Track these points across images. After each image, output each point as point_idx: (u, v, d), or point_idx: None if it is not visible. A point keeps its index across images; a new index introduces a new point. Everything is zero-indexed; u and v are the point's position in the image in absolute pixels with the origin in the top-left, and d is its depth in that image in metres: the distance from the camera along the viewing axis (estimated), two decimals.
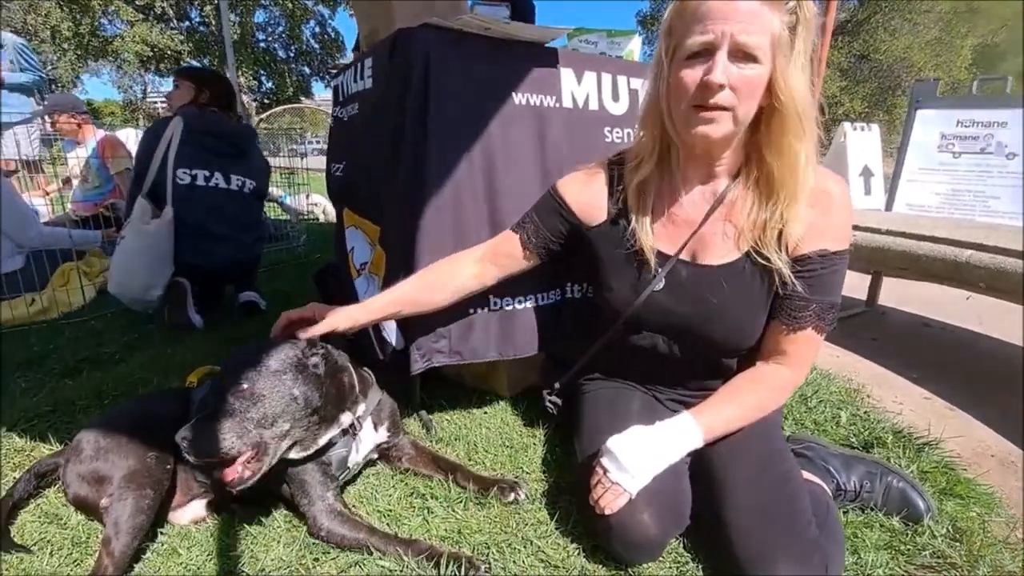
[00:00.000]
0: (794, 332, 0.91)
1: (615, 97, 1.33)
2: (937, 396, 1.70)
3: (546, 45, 1.27)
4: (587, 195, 1.03)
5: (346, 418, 1.04)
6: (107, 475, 0.95)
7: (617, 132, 1.34)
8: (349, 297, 1.54)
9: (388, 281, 1.34)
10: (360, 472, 1.17)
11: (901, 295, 2.72)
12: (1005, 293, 1.62)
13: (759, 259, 0.88)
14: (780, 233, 0.86)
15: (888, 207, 3.62)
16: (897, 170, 3.52)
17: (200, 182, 2.13)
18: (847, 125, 4.30)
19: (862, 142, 4.85)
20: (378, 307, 1.09)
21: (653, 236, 0.94)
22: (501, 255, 1.09)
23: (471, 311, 1.22)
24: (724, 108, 0.80)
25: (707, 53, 0.79)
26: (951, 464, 1.23)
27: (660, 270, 0.94)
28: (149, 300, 2.07)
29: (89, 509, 0.99)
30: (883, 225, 2.06)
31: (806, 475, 1.03)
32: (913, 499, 1.07)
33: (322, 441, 1.00)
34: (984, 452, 1.38)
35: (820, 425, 1.43)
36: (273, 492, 1.04)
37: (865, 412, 1.51)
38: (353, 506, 1.08)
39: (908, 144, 3.45)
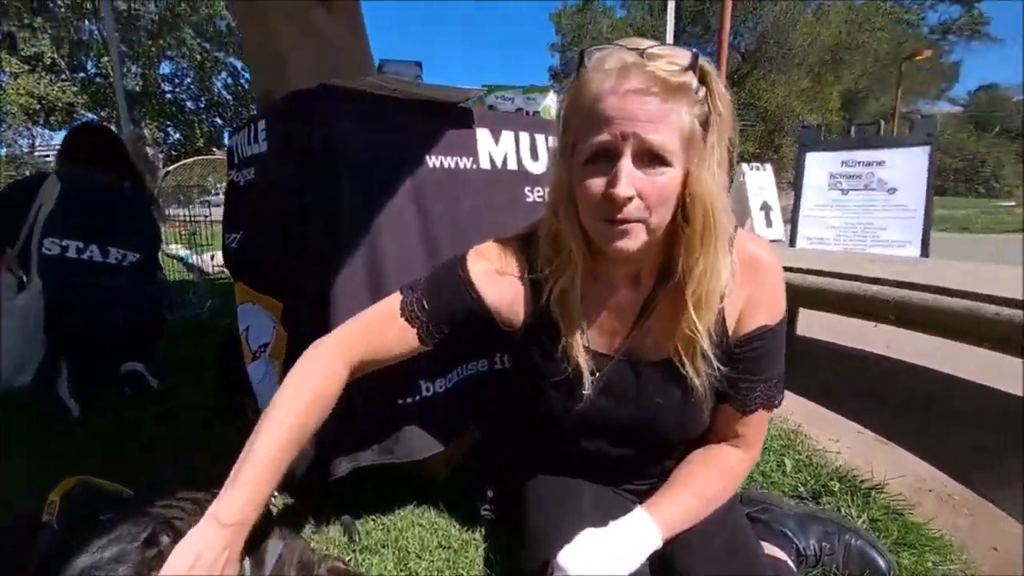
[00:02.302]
0: (745, 415, 0.86)
1: (534, 156, 1.28)
2: (867, 429, 1.74)
3: (461, 106, 1.21)
4: (506, 294, 0.88)
5: None
6: None
7: (538, 191, 1.28)
8: (244, 384, 1.34)
9: (289, 367, 1.18)
10: None
11: (817, 322, 2.86)
12: (915, 325, 1.71)
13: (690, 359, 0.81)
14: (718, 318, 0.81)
15: (792, 243, 3.92)
16: (796, 208, 3.84)
17: (71, 254, 1.86)
18: (744, 166, 4.71)
19: (759, 180, 5.34)
20: (264, 476, 0.71)
21: (586, 339, 0.84)
22: (383, 355, 0.86)
23: (399, 401, 1.08)
24: (635, 220, 0.70)
25: (610, 156, 0.69)
26: (899, 509, 1.22)
27: (597, 375, 0.84)
28: (20, 383, 1.75)
29: None
30: (792, 263, 2.16)
31: (767, 548, 0.96)
32: (873, 558, 1.02)
33: None
34: (922, 488, 1.39)
35: (767, 476, 1.39)
36: None
37: (807, 456, 1.50)
38: None
39: (803, 184, 3.79)
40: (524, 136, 1.27)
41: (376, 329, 0.86)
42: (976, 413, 1.87)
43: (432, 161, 1.10)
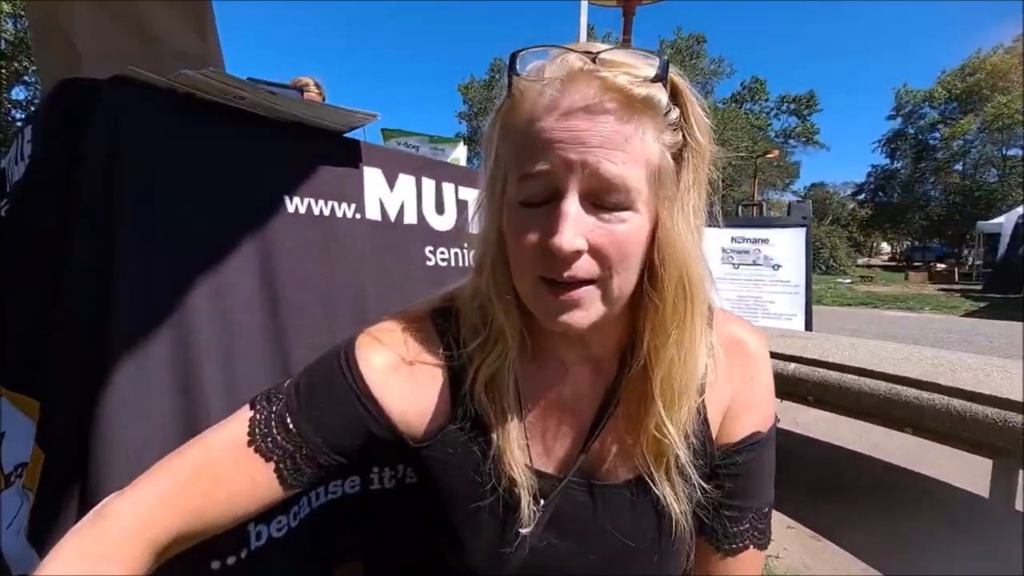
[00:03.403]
0: (730, 556, 0.62)
1: (440, 209, 1.02)
2: (798, 523, 1.62)
3: (346, 136, 0.93)
4: (419, 394, 0.59)
5: None
6: None
7: (442, 252, 1.01)
8: None
9: (43, 507, 0.74)
10: None
11: None
12: (832, 406, 1.65)
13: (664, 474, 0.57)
14: (699, 415, 0.58)
15: None
16: None
17: None
18: None
19: None
20: None
21: (526, 449, 0.58)
22: (218, 518, 0.53)
23: (214, 564, 0.69)
24: (586, 281, 0.49)
25: (551, 194, 0.48)
26: None
27: (543, 503, 0.58)
28: None
29: None
30: None
31: None
32: None
33: None
34: None
35: None
36: None
37: None
38: None
39: None
40: (428, 183, 1.00)
41: (206, 475, 0.52)
42: (892, 496, 1.83)
43: (295, 204, 0.79)
